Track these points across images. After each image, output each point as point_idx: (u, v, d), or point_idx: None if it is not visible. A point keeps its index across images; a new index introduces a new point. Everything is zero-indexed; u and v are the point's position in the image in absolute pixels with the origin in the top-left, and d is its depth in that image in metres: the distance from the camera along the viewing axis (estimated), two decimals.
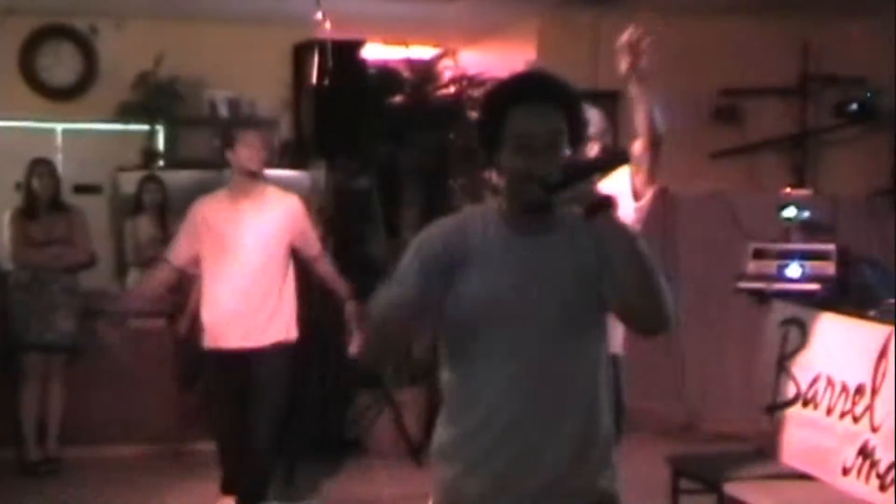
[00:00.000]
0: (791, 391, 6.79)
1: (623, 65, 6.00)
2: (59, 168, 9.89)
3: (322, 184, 9.66)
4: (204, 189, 10.44)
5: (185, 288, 9.62)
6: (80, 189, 11.04)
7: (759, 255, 8.90)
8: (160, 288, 8.15)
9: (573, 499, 3.49)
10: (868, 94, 11.24)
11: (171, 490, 8.68)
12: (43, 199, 9.43)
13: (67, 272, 9.38)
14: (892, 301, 6.76)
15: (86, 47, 13.01)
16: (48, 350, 9.27)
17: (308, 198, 8.73)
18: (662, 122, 6.05)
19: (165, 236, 10.32)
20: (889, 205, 10.15)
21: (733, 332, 7.61)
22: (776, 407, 6.88)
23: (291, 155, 9.79)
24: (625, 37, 6.05)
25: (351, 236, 8.89)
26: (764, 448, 6.89)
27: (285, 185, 8.35)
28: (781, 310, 7.08)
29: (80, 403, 9.37)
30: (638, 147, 5.94)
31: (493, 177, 3.87)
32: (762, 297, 7.67)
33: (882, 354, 6.07)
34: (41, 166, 9.56)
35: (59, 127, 12.85)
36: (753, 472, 6.56)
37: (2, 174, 9.88)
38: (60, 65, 13.05)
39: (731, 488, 6.40)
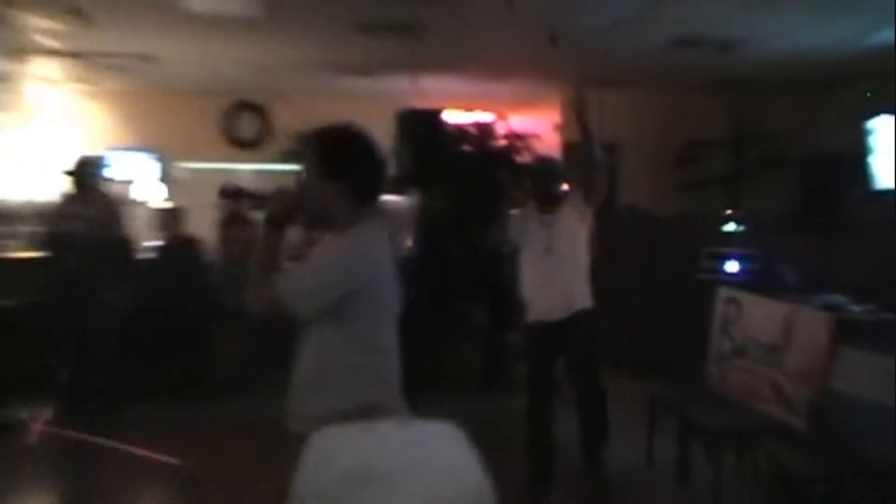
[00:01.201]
0: (729, 347, 6.69)
1: (576, 110, 6.24)
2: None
3: (415, 205, 9.63)
4: None
5: None
6: (259, 207, 11.03)
7: (709, 256, 8.90)
8: None
9: None
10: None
11: None
12: (235, 214, 9.45)
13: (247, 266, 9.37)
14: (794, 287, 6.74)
15: (263, 114, 13.06)
16: (243, 313, 9.21)
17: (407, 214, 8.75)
18: (600, 153, 6.16)
19: (313, 242, 10.31)
20: (795, 221, 10.08)
21: (692, 307, 7.48)
22: (720, 358, 6.77)
23: (395, 186, 9.74)
24: (574, 95, 6.35)
25: (432, 241, 8.81)
26: (712, 385, 6.79)
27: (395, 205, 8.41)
28: (724, 293, 6.96)
29: (262, 348, 9.31)
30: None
31: None
32: (712, 284, 7.56)
33: (788, 323, 6.02)
34: (236, 191, 9.55)
35: (248, 167, 12.90)
36: (706, 402, 6.49)
37: (209, 199, 9.88)
38: (247, 126, 13.11)
39: (690, 412, 6.34)
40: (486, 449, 2.72)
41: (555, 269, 6.25)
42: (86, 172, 8.27)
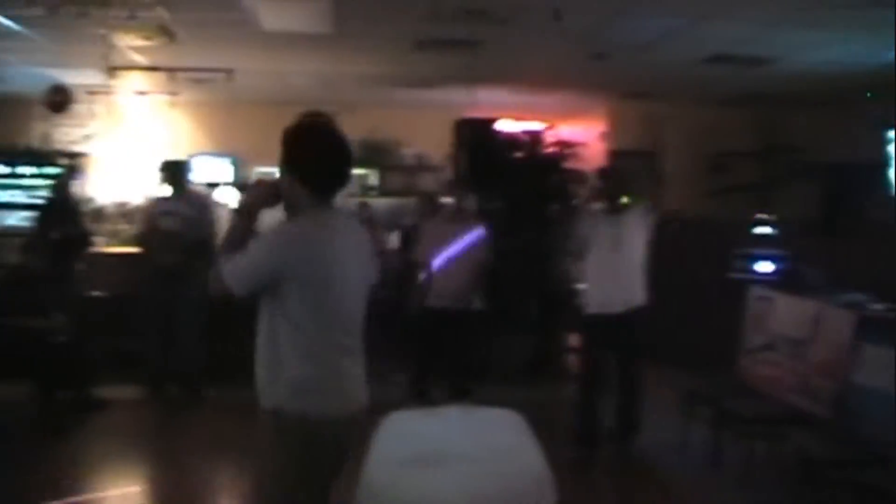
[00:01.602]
0: (760, 341, 6.68)
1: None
2: None
3: (471, 207, 9.68)
4: (399, 211, 10.50)
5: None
6: None
7: (741, 257, 8.88)
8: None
9: None
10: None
11: (379, 387, 8.66)
12: None
13: None
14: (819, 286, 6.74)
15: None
16: None
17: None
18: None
19: (374, 241, 10.40)
20: (819, 225, 10.04)
21: (726, 305, 7.49)
22: (752, 351, 6.77)
23: (452, 188, 9.79)
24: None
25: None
26: (744, 377, 6.79)
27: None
28: (756, 291, 6.97)
29: None
30: None
31: None
32: (744, 283, 7.56)
33: (815, 320, 6.02)
34: None
35: None
36: (738, 393, 6.50)
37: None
38: None
39: (723, 403, 6.35)
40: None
41: (618, 267, 6.49)
42: (180, 174, 8.43)
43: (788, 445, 5.72)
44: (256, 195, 3.55)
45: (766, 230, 9.42)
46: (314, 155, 3.44)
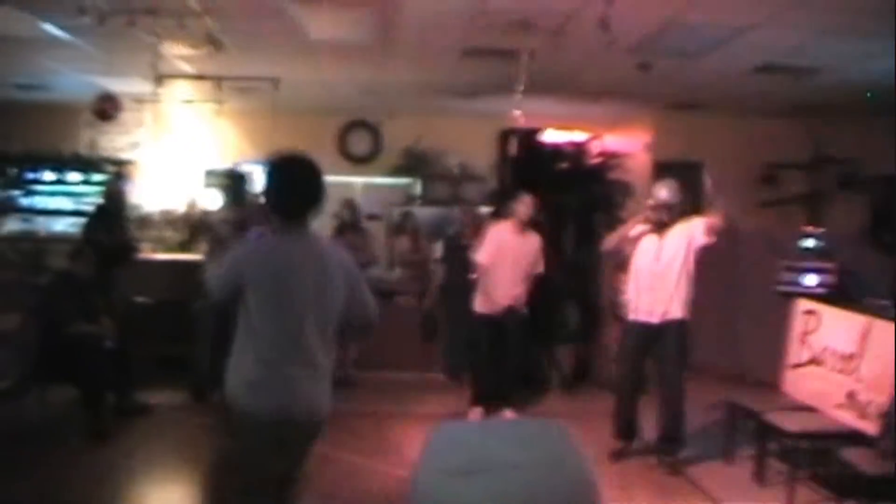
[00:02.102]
0: (806, 355, 6.63)
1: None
2: (358, 204, 10.05)
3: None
4: (442, 221, 10.52)
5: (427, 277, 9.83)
6: (370, 217, 11.20)
7: (788, 269, 8.81)
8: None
9: None
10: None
11: (421, 401, 8.71)
12: (348, 222, 9.59)
13: (360, 266, 9.49)
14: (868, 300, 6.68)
15: (375, 132, 13.24)
16: None
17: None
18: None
19: (417, 249, 10.49)
20: (867, 238, 9.94)
21: (772, 317, 7.46)
22: (798, 365, 6.71)
23: (496, 198, 9.80)
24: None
25: None
26: (789, 391, 6.74)
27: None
28: (803, 304, 6.90)
29: (368, 345, 9.50)
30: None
31: None
32: (790, 296, 7.51)
33: (864, 334, 5.96)
34: (349, 203, 9.73)
35: (359, 180, 13.08)
36: (782, 407, 6.45)
37: (328, 207, 10.05)
38: (360, 143, 13.32)
39: (767, 417, 6.31)
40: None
41: (660, 278, 6.70)
42: (237, 182, 8.54)
43: (834, 461, 5.67)
44: (249, 214, 4.40)
45: (814, 243, 9.34)
46: (277, 188, 3.99)
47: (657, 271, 6.73)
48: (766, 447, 6.37)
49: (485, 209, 9.46)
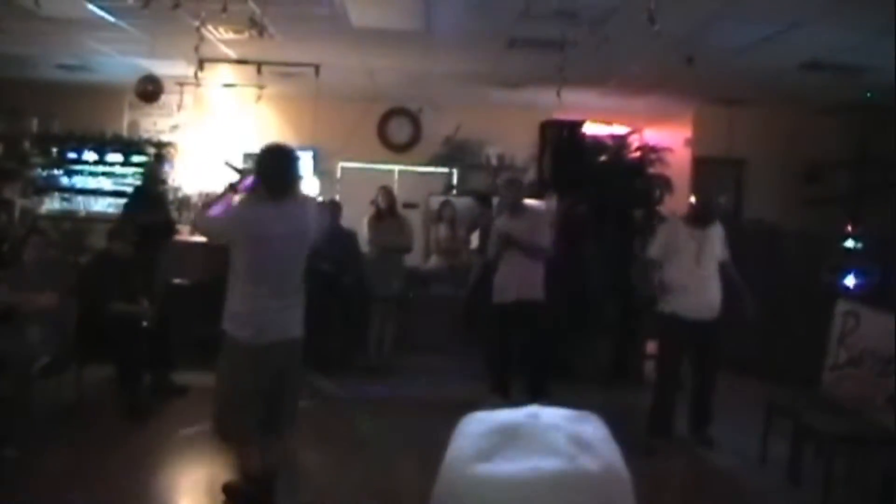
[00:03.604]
0: (846, 357, 6.58)
1: None
2: (396, 192, 10.06)
3: (553, 208, 9.66)
4: (479, 211, 10.51)
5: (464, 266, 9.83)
6: (407, 205, 11.19)
7: (830, 269, 8.75)
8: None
9: None
10: None
11: (457, 388, 8.72)
12: (385, 210, 9.61)
13: (398, 253, 9.52)
14: None
15: (415, 121, 13.25)
16: (386, 299, 9.43)
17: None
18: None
19: (454, 238, 10.50)
20: None
21: (812, 318, 7.42)
22: (836, 366, 6.66)
23: (535, 189, 9.78)
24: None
25: (569, 242, 8.82)
26: (827, 392, 6.69)
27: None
28: (843, 305, 6.85)
29: (405, 332, 9.55)
30: None
31: None
32: (831, 296, 7.45)
33: None
34: (386, 190, 9.75)
35: (397, 168, 13.11)
36: (821, 408, 6.40)
37: (365, 195, 10.08)
38: (400, 131, 13.33)
39: (805, 417, 6.27)
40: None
41: (700, 276, 6.95)
42: None
43: (872, 464, 5.62)
44: (243, 179, 5.21)
45: (856, 243, 9.25)
46: (263, 172, 5.03)
47: (699, 269, 6.95)
48: (803, 448, 6.32)
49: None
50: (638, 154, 9.91)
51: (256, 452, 5.17)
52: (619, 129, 10.29)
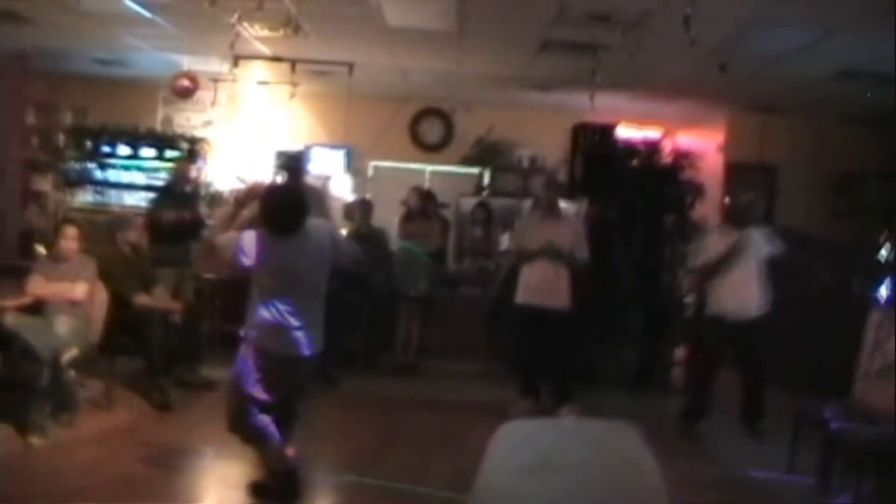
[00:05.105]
0: (878, 366, 6.52)
1: None
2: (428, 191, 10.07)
3: (583, 211, 9.63)
4: (512, 211, 10.51)
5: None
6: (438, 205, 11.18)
7: (862, 279, 8.65)
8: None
9: None
10: None
11: (482, 391, 8.71)
12: (416, 210, 9.60)
13: (427, 254, 9.53)
14: None
15: (447, 121, 13.22)
16: (413, 300, 9.42)
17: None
18: None
19: (488, 239, 10.49)
20: None
21: (843, 328, 7.37)
22: (868, 376, 6.61)
23: (567, 194, 9.75)
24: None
25: (597, 247, 8.76)
26: (859, 402, 6.61)
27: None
28: (876, 315, 6.81)
29: (431, 333, 9.53)
30: None
31: None
32: (863, 307, 7.40)
33: None
34: (417, 190, 9.74)
35: (428, 168, 13.08)
36: (853, 417, 6.32)
37: (396, 195, 10.09)
38: (432, 131, 13.31)
39: (834, 426, 6.19)
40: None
41: (745, 277, 7.31)
42: (300, 165, 8.61)
43: None
44: (248, 195, 5.40)
45: (889, 253, 9.13)
46: (265, 211, 5.14)
47: (739, 271, 7.30)
48: (833, 458, 6.24)
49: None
50: (670, 159, 9.86)
51: (277, 448, 5.28)
52: (651, 133, 10.23)
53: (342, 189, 12.26)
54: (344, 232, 9.13)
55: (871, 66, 8.31)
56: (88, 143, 12.50)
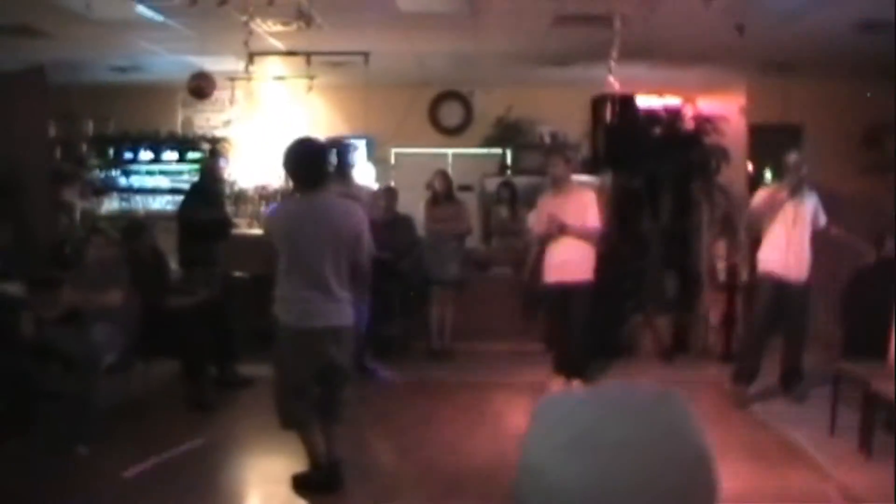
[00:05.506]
0: None
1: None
2: (450, 175, 10.06)
3: (608, 184, 9.59)
4: (536, 189, 10.49)
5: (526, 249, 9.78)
6: (462, 188, 11.15)
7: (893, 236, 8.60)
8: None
9: None
10: None
11: (519, 371, 8.72)
12: (441, 194, 9.60)
13: (455, 237, 9.54)
14: None
15: (466, 103, 13.20)
16: (445, 284, 9.44)
17: (600, 193, 8.72)
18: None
19: (514, 219, 10.46)
20: None
21: (877, 286, 7.35)
22: None
23: (588, 166, 9.72)
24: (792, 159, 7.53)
25: (625, 218, 8.75)
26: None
27: (587, 185, 8.47)
28: None
29: (465, 316, 9.54)
30: None
31: None
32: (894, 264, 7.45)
33: None
34: (442, 174, 9.75)
35: (450, 151, 13.06)
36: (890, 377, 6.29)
37: (420, 179, 10.11)
38: (451, 114, 13.29)
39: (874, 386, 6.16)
40: None
41: (796, 240, 7.49)
42: (345, 156, 8.67)
43: None
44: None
45: None
46: (289, 166, 5.33)
47: (794, 233, 7.48)
48: (873, 418, 6.21)
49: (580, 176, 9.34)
50: (692, 125, 9.81)
51: (319, 440, 5.39)
52: (671, 101, 10.18)
53: (367, 178, 12.28)
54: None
55: (892, 16, 8.20)
56: (111, 151, 12.59)
